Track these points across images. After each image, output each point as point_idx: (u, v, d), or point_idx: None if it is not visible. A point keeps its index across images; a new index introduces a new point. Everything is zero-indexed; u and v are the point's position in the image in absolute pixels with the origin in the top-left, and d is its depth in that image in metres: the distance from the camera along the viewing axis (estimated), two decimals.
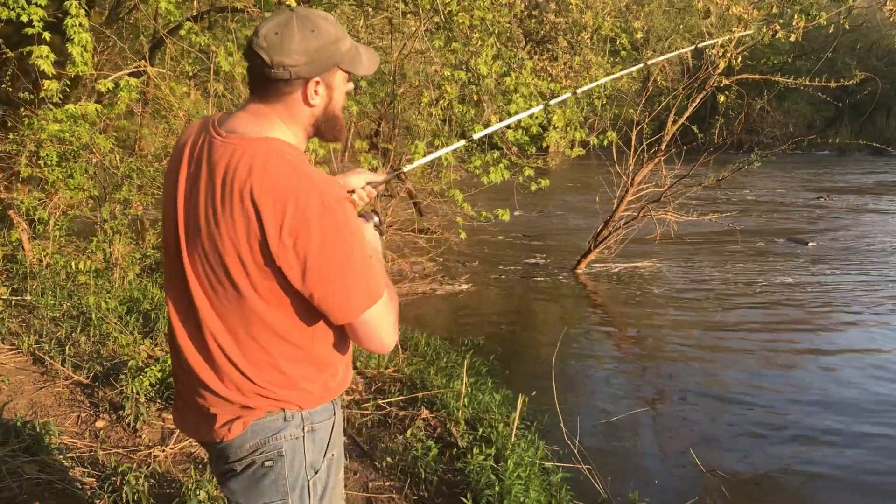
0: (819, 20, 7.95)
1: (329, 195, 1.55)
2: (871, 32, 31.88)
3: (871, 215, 14.63)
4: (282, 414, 1.73)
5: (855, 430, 5.08)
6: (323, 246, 1.54)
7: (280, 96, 1.66)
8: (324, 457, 1.79)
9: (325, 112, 1.72)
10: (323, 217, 1.53)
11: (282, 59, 1.60)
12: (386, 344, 1.71)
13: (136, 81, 6.20)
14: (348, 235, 1.57)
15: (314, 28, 1.63)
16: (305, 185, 1.55)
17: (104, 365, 4.47)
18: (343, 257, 1.57)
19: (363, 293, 1.62)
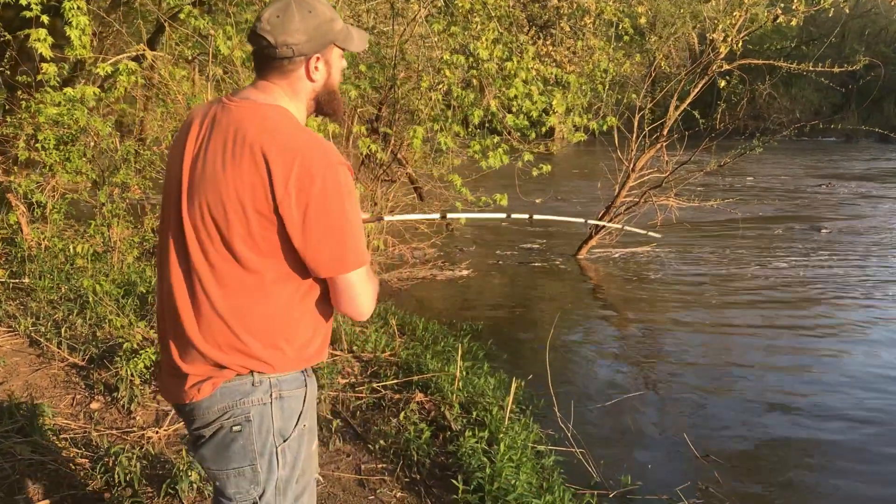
0: (824, 4, 7.88)
1: (333, 156, 1.71)
2: (879, 18, 31.66)
3: (873, 201, 14.56)
4: (250, 378, 1.78)
5: (853, 416, 5.07)
6: (324, 198, 1.67)
7: (285, 74, 1.81)
8: (294, 426, 1.84)
9: (325, 86, 1.87)
10: (326, 173, 1.67)
11: (285, 39, 1.75)
12: (364, 310, 1.81)
13: (136, 66, 6.19)
14: (347, 194, 1.70)
15: (311, 9, 1.78)
16: (313, 145, 1.70)
17: (100, 347, 4.49)
18: (340, 213, 1.69)
19: (355, 251, 1.73)
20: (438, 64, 7.24)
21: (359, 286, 1.78)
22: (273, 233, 1.70)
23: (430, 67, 7.44)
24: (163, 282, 1.85)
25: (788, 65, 8.33)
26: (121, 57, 6.59)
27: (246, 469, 1.81)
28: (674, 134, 9.25)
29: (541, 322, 7.21)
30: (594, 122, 7.79)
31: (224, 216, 1.71)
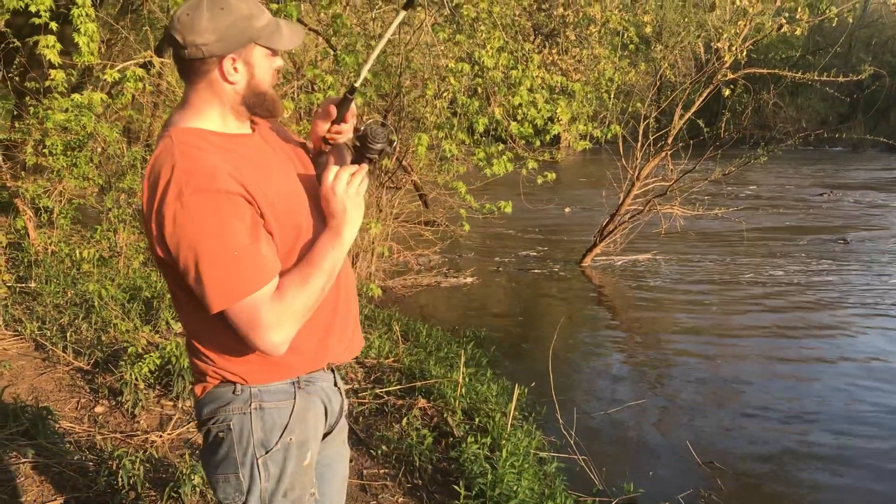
0: (829, 14, 7.90)
1: (189, 185, 1.55)
2: (886, 28, 31.63)
3: (878, 210, 14.53)
4: (231, 387, 1.77)
5: (855, 425, 5.06)
6: (178, 234, 1.56)
7: (200, 76, 1.68)
8: (278, 439, 1.78)
9: (249, 88, 1.72)
10: (176, 206, 1.55)
11: (193, 38, 1.61)
12: (260, 342, 1.64)
13: (143, 72, 6.24)
14: (204, 227, 1.55)
15: (224, 6, 1.63)
16: (172, 174, 1.57)
17: (105, 351, 4.52)
18: (197, 247, 1.56)
19: (218, 285, 1.58)
20: (443, 72, 7.27)
21: (247, 317, 1.61)
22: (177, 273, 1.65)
23: (435, 76, 7.47)
24: None
25: (793, 74, 8.35)
26: (128, 63, 6.63)
27: (231, 476, 1.79)
28: (679, 142, 9.27)
29: (544, 330, 7.22)
30: (598, 130, 7.80)
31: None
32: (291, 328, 1.65)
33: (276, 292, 1.64)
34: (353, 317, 1.97)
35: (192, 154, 1.61)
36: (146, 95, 7.85)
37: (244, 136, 1.77)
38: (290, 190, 1.77)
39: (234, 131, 1.75)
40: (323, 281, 1.71)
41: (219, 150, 1.66)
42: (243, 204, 1.60)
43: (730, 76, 8.40)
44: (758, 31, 8.03)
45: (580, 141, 7.76)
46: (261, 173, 1.70)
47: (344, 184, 1.75)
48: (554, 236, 11.80)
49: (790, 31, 7.45)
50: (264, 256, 1.62)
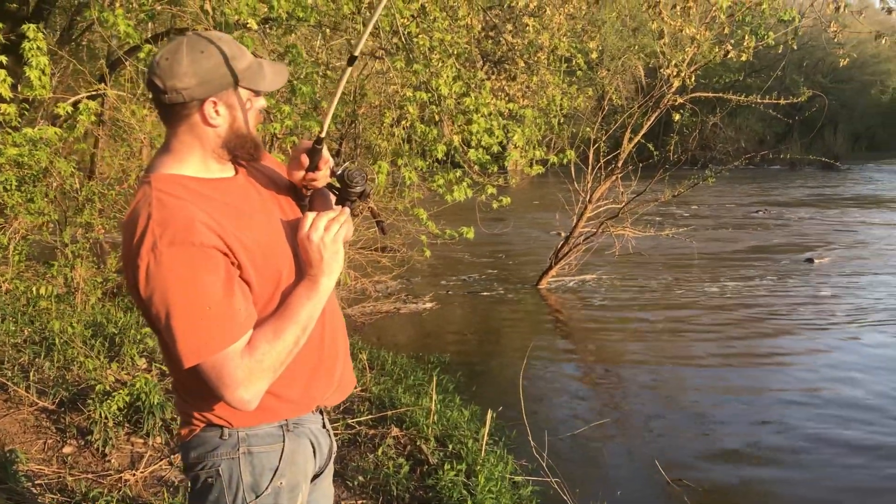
0: (767, 40, 8.22)
1: (164, 238, 1.53)
2: (816, 50, 32.86)
3: (811, 224, 15.02)
4: (218, 431, 1.75)
5: (819, 440, 5.20)
6: (151, 286, 1.54)
7: (181, 121, 1.66)
8: (269, 483, 1.76)
9: (231, 131, 1.70)
10: (149, 259, 1.53)
11: (173, 83, 1.60)
12: (230, 398, 1.61)
13: (95, 105, 6.17)
14: (175, 281, 1.53)
15: (203, 49, 1.62)
16: (147, 224, 1.55)
17: (70, 390, 4.42)
18: (168, 301, 1.54)
19: (188, 341, 1.56)
20: (400, 100, 7.34)
21: (217, 374, 1.59)
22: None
23: (391, 104, 7.54)
24: None
25: (738, 97, 8.65)
26: (80, 97, 6.56)
27: None
28: (628, 165, 9.49)
29: (506, 353, 7.29)
30: (553, 156, 7.95)
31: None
32: (262, 384, 1.62)
33: (247, 347, 1.61)
34: (342, 357, 1.94)
35: (168, 203, 1.59)
36: (98, 127, 7.77)
37: (226, 179, 1.75)
38: (272, 236, 1.74)
39: (216, 175, 1.73)
40: (296, 334, 1.68)
41: (198, 197, 1.64)
42: (218, 257, 1.57)
43: (679, 101, 8.65)
44: (703, 56, 8.31)
45: (535, 165, 7.90)
46: (241, 220, 1.67)
47: (321, 231, 1.71)
48: (509, 259, 11.93)
49: (736, 57, 7.74)
50: (237, 311, 1.59)
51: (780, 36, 8.73)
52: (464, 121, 7.16)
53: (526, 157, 8.09)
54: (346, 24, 8.54)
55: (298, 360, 1.72)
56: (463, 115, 7.34)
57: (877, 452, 4.94)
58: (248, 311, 1.62)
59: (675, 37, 8.85)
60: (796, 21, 8.05)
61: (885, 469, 4.72)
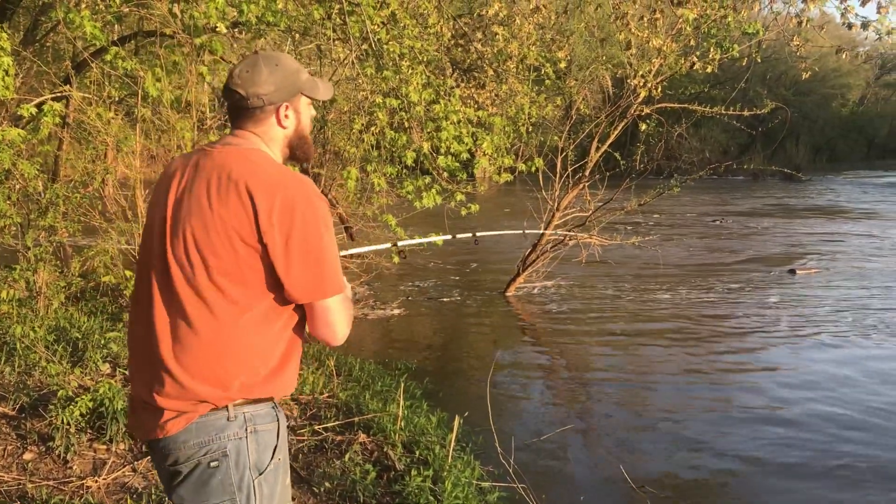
0: (732, 53, 8.37)
1: (311, 192, 1.85)
2: (779, 63, 33.46)
3: (770, 234, 15.29)
4: (225, 413, 1.85)
5: (781, 443, 5.28)
6: (304, 229, 1.80)
7: (258, 123, 1.97)
8: (270, 459, 1.90)
9: (296, 132, 2.03)
10: (305, 206, 1.81)
11: (256, 90, 1.93)
12: (340, 334, 1.92)
13: (60, 106, 6.09)
14: (324, 225, 1.84)
15: (277, 62, 1.97)
16: (293, 182, 1.84)
17: (31, 396, 4.36)
18: (318, 242, 1.82)
19: (332, 278, 1.86)
20: (369, 106, 7.35)
21: (335, 312, 1.89)
22: (258, 262, 1.81)
23: (361, 110, 7.54)
24: (140, 319, 1.92)
25: (703, 108, 8.79)
26: (44, 98, 6.47)
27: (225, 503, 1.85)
28: (595, 174, 9.58)
29: (473, 359, 7.32)
30: (522, 164, 8.01)
31: (213, 249, 1.81)
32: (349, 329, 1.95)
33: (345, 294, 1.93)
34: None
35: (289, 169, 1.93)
36: (62, 129, 7.66)
37: None
38: None
39: None
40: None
41: None
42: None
43: (645, 111, 8.75)
44: (670, 68, 8.43)
45: (503, 174, 7.95)
46: None
47: None
48: (478, 266, 11.97)
49: (702, 69, 7.87)
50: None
51: (744, 49, 8.89)
52: (433, 128, 7.19)
53: (494, 165, 8.14)
54: (315, 30, 8.53)
55: (296, 352, 1.97)
56: (432, 122, 7.37)
57: (839, 462, 5.02)
58: None
59: (642, 48, 8.97)
60: (760, 34, 8.19)
61: (849, 478, 4.80)
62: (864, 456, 5.06)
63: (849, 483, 4.71)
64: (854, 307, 9.15)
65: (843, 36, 28.50)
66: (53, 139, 9.26)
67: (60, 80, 7.82)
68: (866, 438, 5.35)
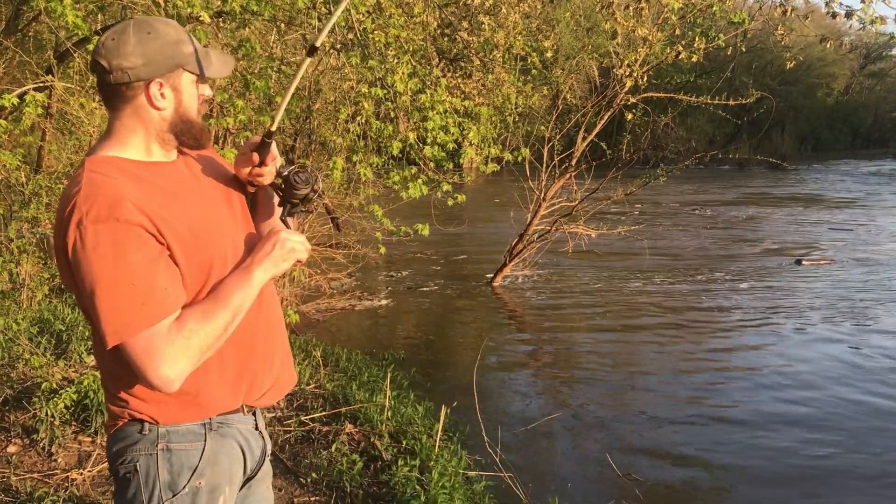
0: (718, 42, 8.38)
1: (90, 215, 1.52)
2: (765, 53, 33.55)
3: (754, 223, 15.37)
4: (139, 426, 1.71)
5: (766, 431, 5.32)
6: (76, 264, 1.54)
7: (125, 102, 1.66)
8: (187, 482, 1.72)
9: (177, 115, 1.72)
10: (76, 235, 1.52)
11: (119, 62, 1.61)
12: (152, 376, 1.57)
13: (42, 96, 6.03)
14: (97, 258, 1.52)
15: (150, 30, 1.65)
16: (74, 201, 1.54)
17: (14, 388, 4.33)
18: (90, 277, 1.53)
19: (113, 320, 1.54)
20: (355, 96, 7.31)
21: (139, 354, 1.56)
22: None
23: (346, 99, 7.51)
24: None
25: (689, 98, 8.80)
26: (26, 88, 6.41)
27: None
28: (582, 164, 9.58)
29: (460, 350, 7.32)
30: (509, 154, 8.00)
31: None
32: (187, 364, 1.60)
33: (175, 323, 1.59)
34: (281, 356, 1.92)
35: (97, 181, 1.58)
36: (45, 120, 7.59)
37: (164, 163, 1.74)
38: (206, 223, 1.72)
39: (157, 160, 1.73)
40: (226, 319, 1.66)
41: (130, 178, 1.62)
42: (144, 235, 1.55)
43: (631, 100, 8.76)
44: (656, 57, 8.44)
45: (490, 164, 7.93)
46: (173, 203, 1.66)
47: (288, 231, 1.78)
48: (465, 257, 11.97)
49: (687, 58, 7.88)
50: (163, 289, 1.57)
51: (730, 38, 8.91)
52: (419, 118, 7.17)
53: (481, 155, 8.13)
54: (301, 19, 8.48)
55: (227, 355, 1.73)
56: (419, 112, 7.34)
57: (828, 449, 5.07)
58: (176, 290, 1.61)
59: (628, 37, 8.97)
60: (746, 23, 8.21)
61: (836, 467, 4.84)
62: (854, 440, 5.13)
63: (838, 471, 4.76)
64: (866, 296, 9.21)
65: (827, 25, 28.59)
66: (36, 130, 9.18)
67: (43, 70, 7.74)
68: (850, 426, 5.41)
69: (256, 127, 6.54)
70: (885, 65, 46.64)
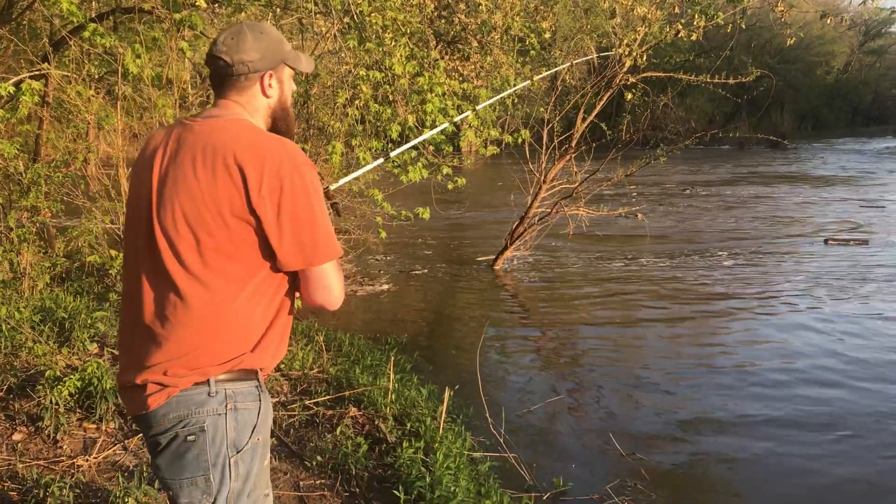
0: (717, 20, 8.33)
1: (298, 158, 1.82)
2: (763, 31, 33.39)
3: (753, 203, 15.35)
4: (206, 388, 1.82)
5: (768, 412, 5.33)
6: (293, 196, 1.78)
7: (242, 91, 1.95)
8: (248, 439, 1.87)
9: (279, 103, 2.01)
10: (293, 174, 1.79)
11: (241, 57, 1.91)
12: (336, 298, 1.91)
13: (39, 85, 6.00)
14: (314, 192, 1.82)
15: (262, 31, 1.96)
16: (279, 149, 1.81)
17: (18, 376, 4.34)
18: (308, 209, 1.80)
19: (326, 243, 1.85)
20: (352, 79, 7.27)
21: (332, 276, 1.88)
22: (252, 235, 1.80)
23: (344, 83, 7.47)
24: (131, 296, 1.89)
25: (689, 77, 8.75)
26: (23, 77, 6.37)
27: (199, 479, 1.83)
28: (582, 146, 9.55)
29: (463, 333, 7.33)
30: (508, 136, 7.97)
31: (204, 227, 1.78)
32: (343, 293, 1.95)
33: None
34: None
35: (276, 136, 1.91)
36: (42, 108, 7.56)
37: None
38: None
39: None
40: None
41: None
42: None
43: (630, 80, 8.72)
44: (654, 36, 8.39)
45: (489, 146, 7.91)
46: None
47: None
48: (466, 240, 11.96)
49: (686, 37, 7.83)
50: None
51: (728, 16, 8.84)
52: (418, 101, 7.13)
53: (480, 138, 8.10)
54: (296, 3, 8.43)
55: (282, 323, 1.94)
56: (417, 95, 7.30)
57: (829, 426, 5.08)
58: None
59: (627, 17, 8.91)
60: (745, 1, 8.16)
61: (841, 442, 4.86)
62: (854, 413, 5.14)
63: (844, 444, 4.78)
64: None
65: (827, 2, 28.47)
66: (33, 119, 9.14)
67: (38, 59, 7.71)
68: (856, 397, 5.42)
69: None
70: (884, 41, 46.44)
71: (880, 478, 4.39)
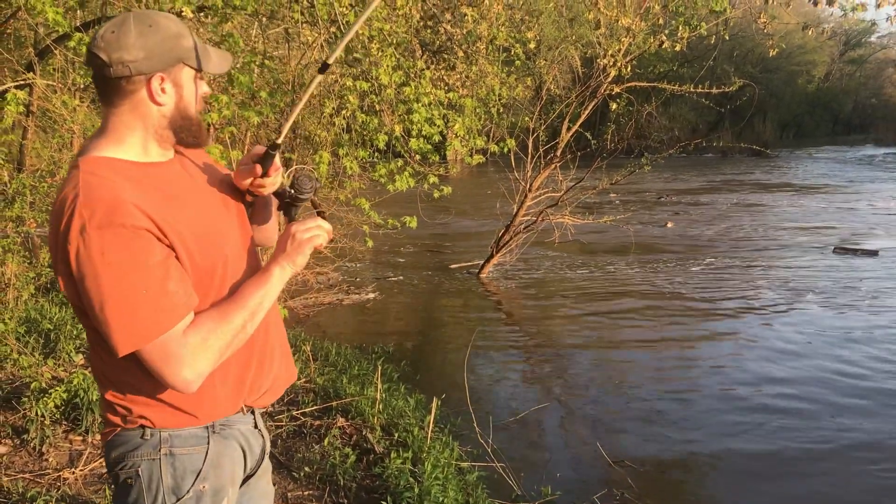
0: (700, 30, 8.41)
1: (93, 221, 1.47)
2: (746, 41, 33.70)
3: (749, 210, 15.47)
4: (139, 431, 1.68)
5: (755, 417, 5.37)
6: (82, 273, 1.48)
7: (125, 97, 1.61)
8: (191, 486, 1.70)
9: (177, 111, 1.66)
10: (79, 243, 1.47)
11: (120, 55, 1.55)
12: (172, 379, 1.55)
13: (23, 94, 5.98)
14: (105, 266, 1.47)
15: (151, 24, 1.60)
16: (75, 207, 1.48)
17: (3, 389, 4.31)
18: (101, 287, 1.48)
19: (129, 328, 1.50)
20: (339, 89, 7.29)
21: (157, 359, 1.54)
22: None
23: (331, 93, 7.49)
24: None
25: (673, 87, 8.83)
26: (7, 86, 6.35)
27: None
28: (566, 155, 9.61)
29: (450, 341, 7.34)
30: (494, 145, 8.00)
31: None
32: (206, 365, 1.58)
33: (191, 326, 1.57)
34: (280, 355, 1.90)
35: (95, 185, 1.52)
36: (27, 118, 7.52)
37: (159, 164, 1.68)
38: (206, 226, 1.68)
39: (153, 159, 1.67)
40: (244, 318, 1.65)
41: (128, 180, 1.56)
42: (150, 238, 1.51)
43: (615, 89, 8.79)
44: (638, 47, 8.46)
45: (475, 155, 7.93)
46: (173, 206, 1.61)
47: (303, 226, 1.75)
48: (452, 249, 11.97)
49: (670, 47, 7.90)
50: (174, 293, 1.53)
51: (711, 26, 8.94)
52: (404, 110, 7.16)
53: (466, 147, 8.12)
54: (283, 13, 8.43)
55: (228, 359, 1.67)
56: (403, 105, 7.32)
57: (820, 436, 5.12)
58: (188, 292, 1.57)
59: (611, 27, 8.97)
60: (727, 12, 8.24)
61: (833, 453, 4.89)
62: (846, 421, 5.18)
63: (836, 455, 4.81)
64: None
65: (808, 13, 28.78)
66: (18, 128, 9.09)
67: (23, 68, 7.67)
68: (847, 404, 5.47)
69: (240, 122, 6.50)
70: (864, 51, 46.98)
71: (872, 490, 4.43)
